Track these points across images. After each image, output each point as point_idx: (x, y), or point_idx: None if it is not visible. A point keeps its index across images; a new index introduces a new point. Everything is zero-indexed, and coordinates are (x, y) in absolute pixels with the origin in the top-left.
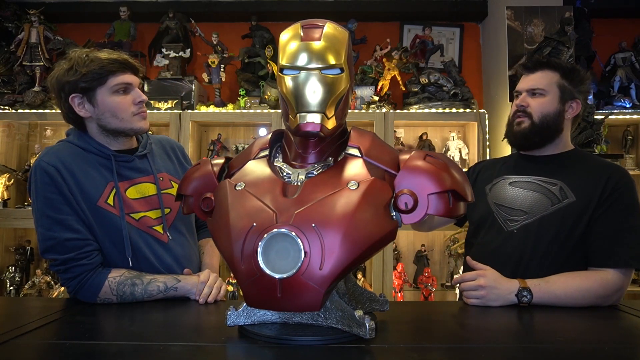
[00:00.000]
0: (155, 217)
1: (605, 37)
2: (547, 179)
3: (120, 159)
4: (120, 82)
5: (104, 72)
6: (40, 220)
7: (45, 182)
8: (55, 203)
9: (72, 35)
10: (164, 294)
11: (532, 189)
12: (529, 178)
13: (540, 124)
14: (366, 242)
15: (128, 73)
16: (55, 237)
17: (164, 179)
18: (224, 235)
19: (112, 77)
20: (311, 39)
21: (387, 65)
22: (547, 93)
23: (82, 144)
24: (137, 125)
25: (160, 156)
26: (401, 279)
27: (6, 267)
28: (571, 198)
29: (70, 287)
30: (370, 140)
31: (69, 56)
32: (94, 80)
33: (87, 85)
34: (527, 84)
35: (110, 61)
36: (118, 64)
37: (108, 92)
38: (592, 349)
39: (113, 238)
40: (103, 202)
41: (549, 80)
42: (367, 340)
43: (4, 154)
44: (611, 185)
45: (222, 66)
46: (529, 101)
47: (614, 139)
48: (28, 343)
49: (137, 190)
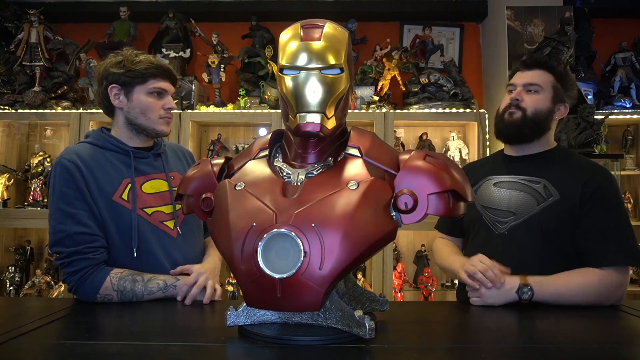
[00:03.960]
0: (168, 212)
1: (605, 37)
2: (530, 178)
3: (137, 155)
4: (157, 86)
5: (147, 73)
6: (54, 214)
7: (63, 178)
8: (69, 198)
9: (72, 35)
10: (163, 292)
11: (516, 188)
12: (512, 178)
13: (532, 118)
14: (366, 242)
15: (167, 81)
16: (65, 230)
17: (175, 177)
18: (223, 235)
19: (153, 79)
20: (311, 39)
21: (387, 65)
22: (542, 90)
23: (100, 143)
24: (160, 128)
25: (172, 158)
26: (401, 279)
27: (6, 267)
28: (556, 196)
29: (71, 282)
30: (370, 140)
31: (122, 52)
32: (136, 77)
33: (129, 81)
34: (523, 79)
35: (155, 66)
36: (161, 70)
37: (144, 92)
38: (592, 349)
39: (122, 230)
40: (118, 197)
41: (545, 80)
42: (367, 340)
43: (3, 154)
44: (593, 184)
45: (222, 66)
46: (523, 96)
47: (614, 139)
48: (28, 343)
49: (151, 186)
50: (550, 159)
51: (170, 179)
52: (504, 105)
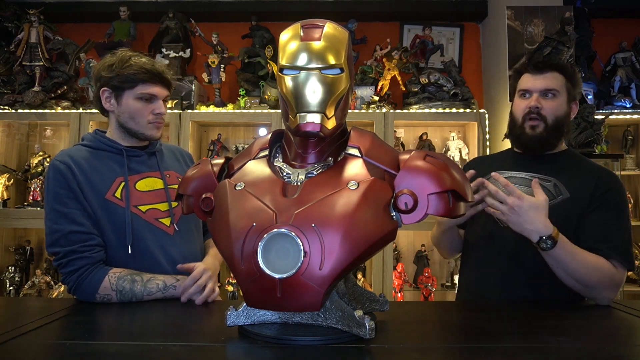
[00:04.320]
0: (164, 209)
1: (605, 37)
2: (540, 175)
3: (130, 153)
4: (146, 92)
5: (136, 79)
6: (49, 214)
7: (56, 179)
8: (62, 197)
9: (72, 35)
10: (163, 292)
11: (525, 184)
12: (523, 174)
13: (553, 126)
14: (366, 242)
15: (158, 85)
16: (60, 229)
17: (170, 175)
18: (223, 235)
19: (142, 85)
20: (311, 38)
21: (387, 65)
22: (559, 95)
23: (94, 144)
24: (149, 133)
25: (168, 157)
26: (401, 279)
27: (6, 267)
28: (565, 194)
29: (70, 282)
30: (370, 140)
31: (117, 53)
32: (125, 82)
33: (118, 85)
34: (539, 84)
35: (144, 70)
36: (151, 75)
37: (133, 97)
38: (592, 349)
39: (117, 229)
40: (111, 195)
41: (560, 82)
42: (367, 340)
43: (3, 154)
44: (602, 185)
45: (222, 66)
46: (542, 103)
47: (614, 139)
48: (28, 343)
49: (145, 184)
50: (562, 160)
51: (166, 177)
52: (520, 112)
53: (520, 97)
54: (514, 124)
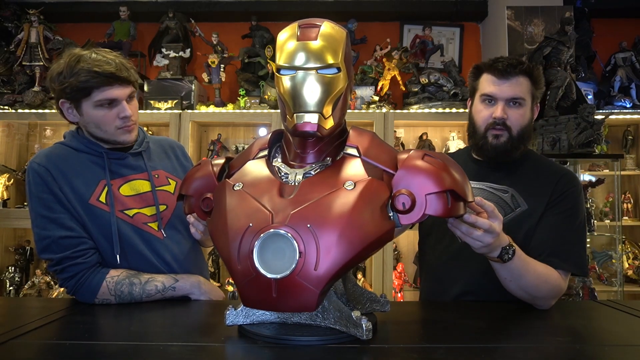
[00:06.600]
0: (150, 214)
1: (605, 37)
2: (497, 186)
3: (112, 157)
4: (103, 98)
5: (88, 86)
6: (36, 220)
7: (37, 183)
8: (48, 202)
9: (72, 35)
10: (162, 294)
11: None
12: (480, 184)
13: (518, 136)
14: (362, 242)
15: (115, 86)
16: (50, 235)
17: (159, 176)
18: (221, 235)
19: (97, 91)
20: (308, 38)
21: (387, 65)
22: (525, 103)
23: (74, 145)
24: (121, 138)
25: (157, 154)
26: (401, 279)
27: (6, 267)
28: (523, 206)
29: (68, 287)
30: (369, 140)
31: (64, 57)
32: (78, 91)
33: (72, 96)
34: (506, 91)
35: (95, 74)
36: (104, 78)
37: (92, 105)
38: (592, 349)
39: (106, 235)
40: (95, 200)
41: (526, 88)
42: (367, 340)
43: (3, 154)
44: (558, 190)
45: (222, 66)
46: (508, 112)
47: (614, 139)
48: (28, 343)
49: (131, 187)
50: (520, 165)
51: (154, 177)
52: (482, 120)
53: (482, 102)
54: (474, 131)
